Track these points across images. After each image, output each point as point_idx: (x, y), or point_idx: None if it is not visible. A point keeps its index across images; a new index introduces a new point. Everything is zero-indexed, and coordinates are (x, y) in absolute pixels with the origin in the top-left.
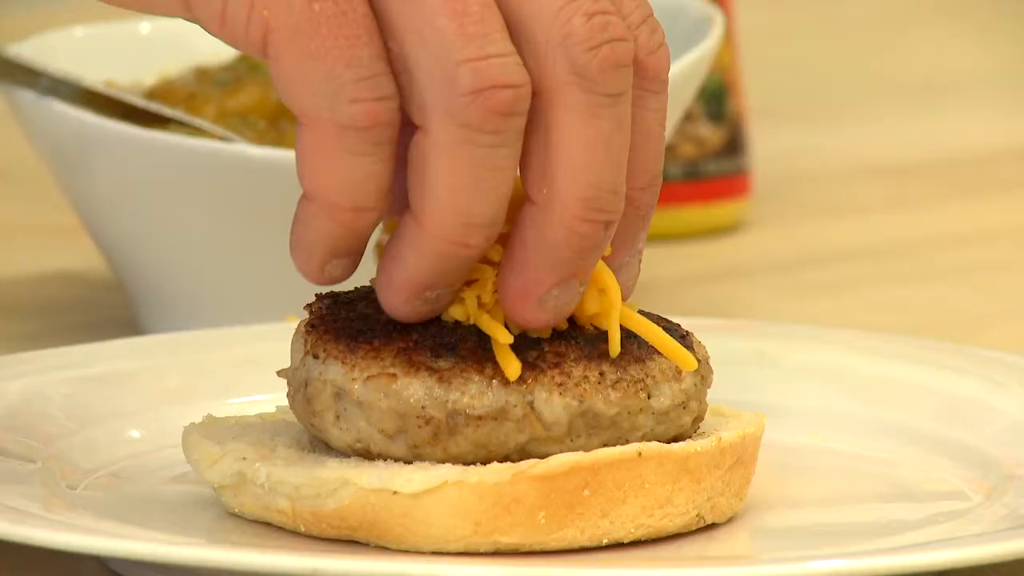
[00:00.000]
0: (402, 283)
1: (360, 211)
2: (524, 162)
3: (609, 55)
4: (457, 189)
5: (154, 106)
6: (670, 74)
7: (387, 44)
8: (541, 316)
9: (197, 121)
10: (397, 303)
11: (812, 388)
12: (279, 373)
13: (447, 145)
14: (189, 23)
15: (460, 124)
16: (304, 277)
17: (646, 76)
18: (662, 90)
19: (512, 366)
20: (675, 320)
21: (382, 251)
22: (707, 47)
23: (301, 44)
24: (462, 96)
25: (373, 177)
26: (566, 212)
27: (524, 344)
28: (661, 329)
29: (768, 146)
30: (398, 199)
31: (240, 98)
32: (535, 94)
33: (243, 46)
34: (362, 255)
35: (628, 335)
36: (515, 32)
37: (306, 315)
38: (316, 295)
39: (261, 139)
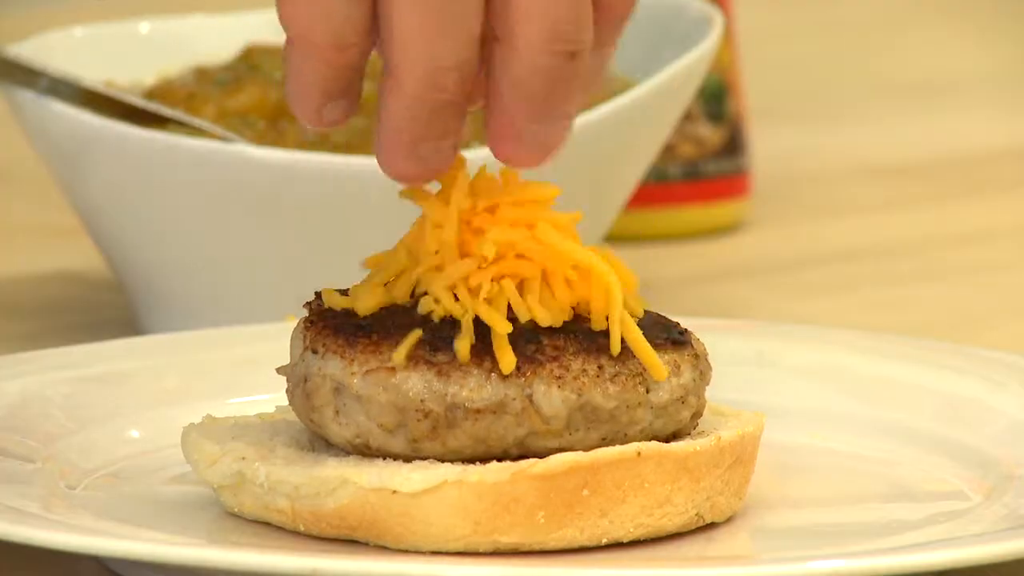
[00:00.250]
0: (391, 139)
1: (342, 48)
2: (487, 2)
3: None
4: (421, 33)
5: (154, 106)
6: (669, 74)
7: None
8: (525, 152)
9: (197, 121)
10: (393, 162)
11: (812, 388)
12: (278, 370)
13: None
14: (189, 22)
15: None
16: (305, 123)
17: None
18: None
19: (507, 359)
20: (675, 320)
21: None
22: (707, 47)
23: None
24: None
25: (350, 13)
26: (528, 46)
27: (523, 337)
28: (643, 338)
29: (768, 146)
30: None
31: (240, 98)
32: None
33: None
34: (358, 95)
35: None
36: None
37: (305, 314)
38: (316, 293)
39: (261, 139)
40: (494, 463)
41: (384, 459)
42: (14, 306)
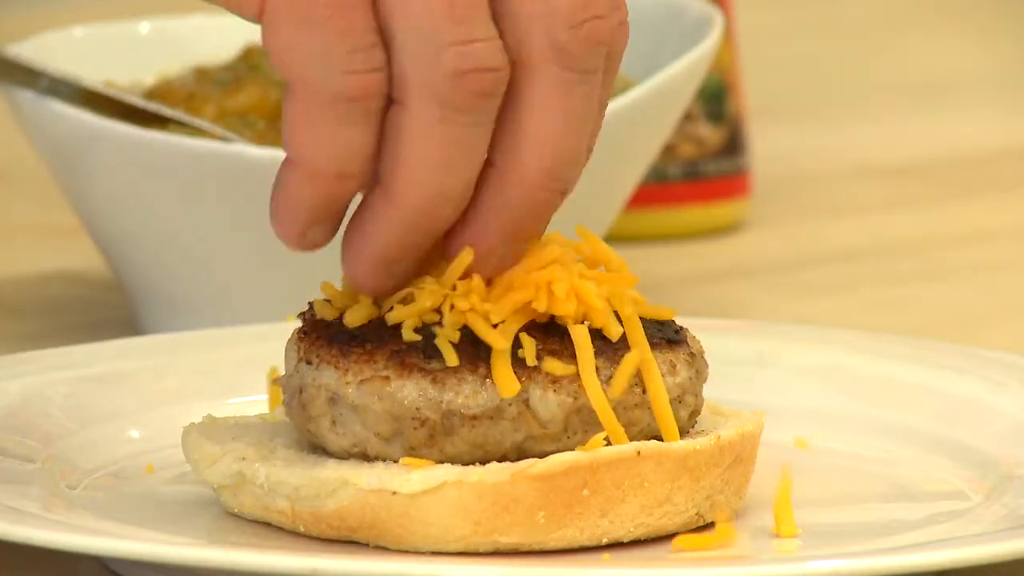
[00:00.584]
0: (370, 256)
1: (344, 179)
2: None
3: (590, 33)
4: (431, 165)
5: (154, 106)
6: (669, 74)
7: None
8: (483, 271)
9: (197, 121)
10: (364, 277)
11: (812, 388)
12: (275, 382)
13: (425, 122)
14: (189, 22)
15: (441, 103)
16: (285, 243)
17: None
18: (614, 69)
19: (506, 383)
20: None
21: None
22: (707, 47)
23: (299, 10)
24: (446, 78)
25: (360, 145)
26: (526, 179)
27: (516, 344)
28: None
29: (768, 146)
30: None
31: (240, 98)
32: (513, 66)
33: (237, 8)
34: (341, 220)
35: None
36: (497, 4)
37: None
38: (309, 303)
39: (261, 139)
40: (494, 463)
41: (383, 463)
42: (14, 306)
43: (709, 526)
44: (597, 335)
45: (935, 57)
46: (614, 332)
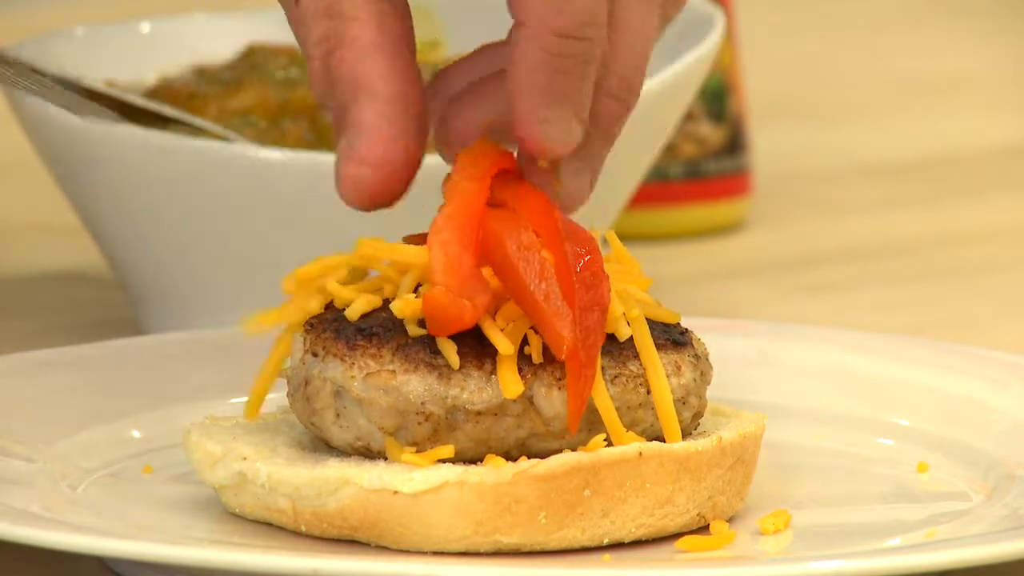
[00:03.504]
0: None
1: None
2: None
3: None
4: None
5: (155, 106)
6: (670, 74)
7: None
8: (542, 137)
9: (198, 121)
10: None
11: (812, 388)
12: (279, 373)
13: None
14: (190, 22)
15: None
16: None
17: None
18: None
19: (514, 386)
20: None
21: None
22: (708, 47)
23: None
24: None
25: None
26: (539, 33)
27: (523, 340)
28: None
29: (769, 145)
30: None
31: (240, 98)
32: None
33: None
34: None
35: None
36: None
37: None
38: None
39: (261, 139)
40: (495, 463)
41: (385, 460)
42: (14, 306)
43: (710, 527)
44: None
45: (936, 56)
46: (621, 333)
